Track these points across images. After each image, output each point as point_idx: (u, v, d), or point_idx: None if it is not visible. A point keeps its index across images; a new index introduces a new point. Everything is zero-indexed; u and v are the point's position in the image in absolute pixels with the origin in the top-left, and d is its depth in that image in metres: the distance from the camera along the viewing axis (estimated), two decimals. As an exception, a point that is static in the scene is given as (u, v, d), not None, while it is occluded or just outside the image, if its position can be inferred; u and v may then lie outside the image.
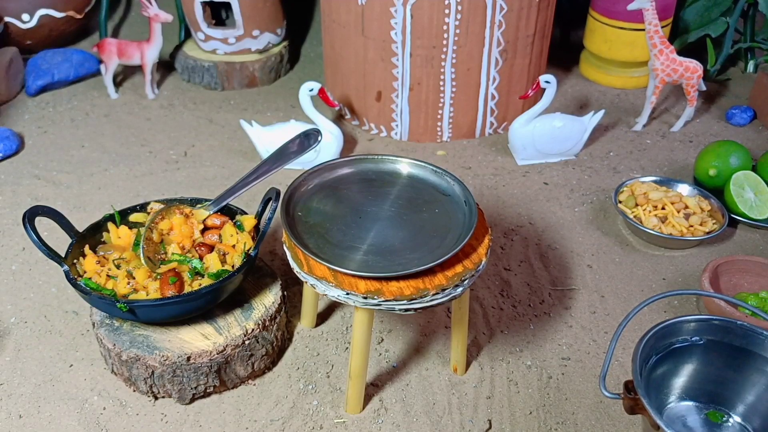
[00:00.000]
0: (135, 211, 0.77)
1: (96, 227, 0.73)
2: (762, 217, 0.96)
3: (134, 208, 0.77)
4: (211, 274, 0.70)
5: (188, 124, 1.23)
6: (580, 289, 0.88)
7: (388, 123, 1.18)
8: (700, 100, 1.31)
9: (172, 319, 0.70)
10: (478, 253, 0.64)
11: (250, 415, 0.70)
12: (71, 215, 0.99)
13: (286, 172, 1.08)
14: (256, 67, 1.34)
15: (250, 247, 0.72)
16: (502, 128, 1.21)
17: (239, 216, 0.76)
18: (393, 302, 0.59)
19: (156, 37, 1.23)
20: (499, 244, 0.95)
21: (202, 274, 0.70)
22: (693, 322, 0.66)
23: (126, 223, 0.76)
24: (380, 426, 0.70)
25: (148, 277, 0.69)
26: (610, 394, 0.62)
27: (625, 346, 0.78)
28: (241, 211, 0.77)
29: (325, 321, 0.82)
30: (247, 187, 0.75)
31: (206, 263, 0.71)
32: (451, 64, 1.10)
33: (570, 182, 1.08)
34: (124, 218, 0.76)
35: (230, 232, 0.74)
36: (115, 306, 0.66)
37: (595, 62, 1.38)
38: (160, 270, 0.70)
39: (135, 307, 0.66)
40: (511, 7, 1.06)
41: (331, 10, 1.15)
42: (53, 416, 0.70)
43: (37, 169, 1.10)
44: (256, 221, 0.76)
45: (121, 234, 0.74)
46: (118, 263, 0.71)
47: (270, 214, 0.72)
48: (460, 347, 0.73)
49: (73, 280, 0.67)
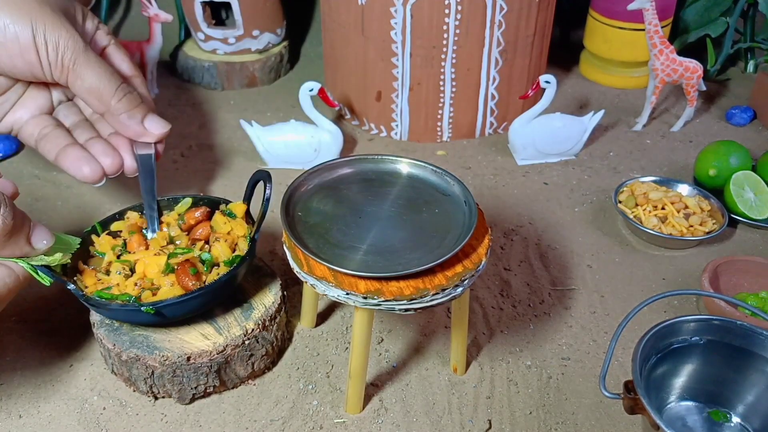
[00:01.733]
0: (115, 219, 0.76)
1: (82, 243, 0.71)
2: (762, 217, 0.96)
3: (113, 216, 0.76)
4: (227, 262, 0.70)
5: (188, 124, 1.23)
6: (580, 289, 0.88)
7: (388, 123, 1.18)
8: (700, 100, 1.31)
9: (194, 314, 0.69)
10: (478, 253, 0.64)
11: (250, 415, 0.70)
12: (71, 215, 0.99)
13: (287, 172, 1.09)
14: (256, 67, 1.34)
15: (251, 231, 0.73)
16: (502, 128, 1.21)
17: (224, 205, 0.76)
18: (393, 302, 0.59)
19: (156, 37, 1.23)
20: (499, 244, 0.95)
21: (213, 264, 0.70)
22: (693, 322, 0.66)
23: (109, 233, 0.75)
24: (380, 426, 0.70)
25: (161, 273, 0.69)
26: (610, 394, 0.62)
27: (625, 346, 0.78)
28: (224, 200, 0.77)
29: (325, 321, 0.82)
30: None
31: (215, 253, 0.71)
32: (451, 64, 1.10)
33: (570, 182, 1.08)
34: (107, 228, 0.75)
35: (222, 221, 0.74)
36: (140, 312, 0.64)
37: (595, 62, 1.39)
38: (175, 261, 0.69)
39: (161, 308, 0.65)
40: (511, 7, 1.06)
41: (331, 10, 1.15)
42: (53, 416, 0.70)
43: (37, 169, 1.10)
44: (247, 206, 0.76)
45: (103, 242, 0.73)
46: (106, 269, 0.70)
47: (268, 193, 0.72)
48: (460, 347, 0.73)
49: (83, 295, 0.65)
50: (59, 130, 0.73)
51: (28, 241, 0.60)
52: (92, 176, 0.71)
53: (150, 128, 0.74)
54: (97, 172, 0.71)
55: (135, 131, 0.73)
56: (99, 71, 0.69)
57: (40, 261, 0.63)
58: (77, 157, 0.71)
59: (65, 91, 0.76)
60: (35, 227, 0.61)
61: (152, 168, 0.75)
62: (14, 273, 0.61)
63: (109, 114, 0.71)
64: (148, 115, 0.74)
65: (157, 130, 0.74)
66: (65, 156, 0.71)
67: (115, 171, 0.73)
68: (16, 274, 0.61)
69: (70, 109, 0.76)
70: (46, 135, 0.72)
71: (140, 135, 0.74)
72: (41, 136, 0.72)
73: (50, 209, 1.00)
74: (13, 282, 0.61)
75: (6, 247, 0.58)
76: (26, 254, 0.61)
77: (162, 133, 0.75)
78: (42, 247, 0.61)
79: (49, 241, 0.62)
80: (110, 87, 0.69)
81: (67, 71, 0.67)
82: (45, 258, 0.63)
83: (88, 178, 0.71)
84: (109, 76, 0.70)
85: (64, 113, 0.76)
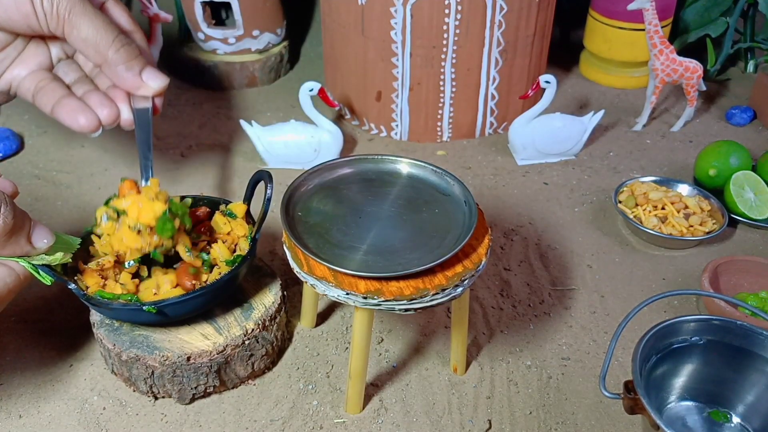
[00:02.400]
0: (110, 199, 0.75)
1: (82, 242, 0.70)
2: (762, 217, 0.96)
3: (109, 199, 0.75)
4: (229, 261, 0.70)
5: (188, 124, 1.23)
6: (580, 289, 0.88)
7: (388, 123, 1.18)
8: (700, 100, 1.31)
9: (196, 313, 0.69)
10: (478, 253, 0.64)
11: (250, 415, 0.70)
12: (71, 215, 0.99)
13: (287, 172, 1.09)
14: (256, 67, 1.34)
15: (252, 232, 0.72)
16: (502, 128, 1.21)
17: (224, 206, 0.76)
18: (393, 302, 0.59)
19: (156, 37, 1.23)
20: (499, 244, 0.95)
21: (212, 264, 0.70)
22: (693, 322, 0.66)
23: None
24: (380, 426, 0.70)
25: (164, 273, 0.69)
26: (610, 394, 0.62)
27: (625, 346, 0.78)
28: (224, 200, 0.77)
29: (325, 321, 0.82)
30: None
31: (213, 254, 0.71)
32: (451, 64, 1.10)
33: (570, 182, 1.08)
34: None
35: (222, 221, 0.74)
36: (142, 311, 0.64)
37: (595, 62, 1.39)
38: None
39: (163, 307, 0.65)
40: (511, 7, 1.06)
41: (331, 10, 1.15)
42: (53, 416, 0.70)
43: (37, 169, 1.10)
44: (247, 206, 0.75)
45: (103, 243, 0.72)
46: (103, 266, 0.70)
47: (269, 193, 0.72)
48: (460, 347, 0.73)
49: (85, 295, 0.65)
50: (56, 83, 0.73)
51: (29, 240, 0.60)
52: (89, 126, 0.70)
53: (147, 81, 0.73)
54: (93, 121, 0.71)
55: (132, 83, 0.72)
56: (95, 21, 0.68)
57: (41, 260, 0.62)
58: (73, 108, 0.70)
59: (64, 47, 0.75)
60: (36, 226, 0.61)
61: (149, 121, 0.74)
62: (15, 272, 0.61)
63: (106, 65, 0.70)
64: (146, 68, 0.73)
65: (155, 82, 0.73)
66: (61, 107, 0.70)
67: (111, 122, 0.72)
68: (17, 273, 0.61)
69: (69, 66, 0.76)
70: (43, 88, 0.72)
71: (137, 87, 0.73)
72: (38, 89, 0.72)
73: (50, 209, 1.00)
74: (14, 281, 0.60)
75: (6, 246, 0.58)
76: (27, 253, 0.61)
77: (160, 87, 0.73)
78: (43, 246, 0.61)
79: (50, 240, 0.62)
80: (107, 37, 0.69)
81: (63, 21, 0.67)
82: (46, 257, 0.63)
83: (84, 128, 0.70)
84: (106, 26, 0.69)
85: (64, 70, 0.75)
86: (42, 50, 0.74)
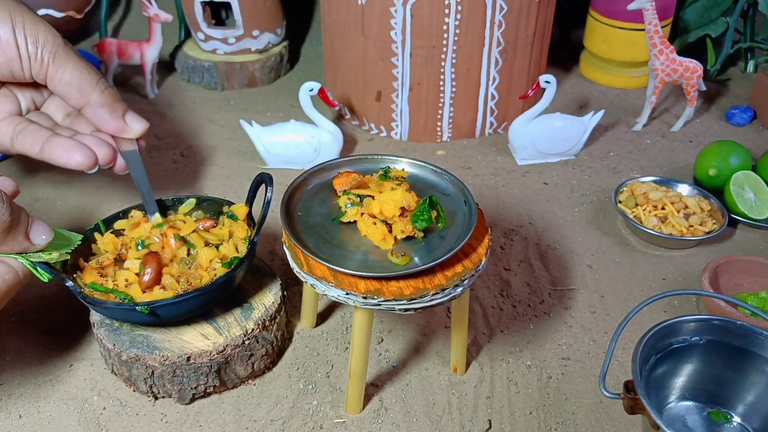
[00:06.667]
0: (118, 218, 0.75)
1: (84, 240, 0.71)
2: (762, 217, 0.96)
3: (117, 215, 0.76)
4: (225, 263, 0.70)
5: (188, 124, 1.23)
6: (580, 289, 0.88)
7: (388, 123, 1.18)
8: (700, 100, 1.31)
9: (191, 315, 0.69)
10: (478, 253, 0.64)
11: (250, 415, 0.70)
12: (71, 215, 0.99)
13: (286, 172, 1.09)
14: (256, 67, 1.34)
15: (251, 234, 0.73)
16: (502, 128, 1.21)
17: (227, 207, 0.76)
18: (393, 302, 0.59)
19: (156, 37, 1.23)
20: (499, 244, 0.95)
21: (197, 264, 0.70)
22: (693, 322, 0.66)
23: (113, 232, 0.74)
24: (380, 426, 0.70)
25: None
26: (610, 394, 0.62)
27: (625, 346, 0.78)
28: (227, 201, 0.77)
29: (325, 321, 0.82)
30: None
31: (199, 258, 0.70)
32: (451, 64, 1.10)
33: (570, 182, 1.08)
34: (110, 226, 0.75)
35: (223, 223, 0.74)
36: (135, 311, 0.64)
37: (595, 62, 1.39)
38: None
39: (156, 308, 0.65)
40: (511, 7, 1.06)
41: (331, 10, 1.15)
42: (53, 416, 0.70)
43: (37, 168, 1.10)
44: (248, 208, 0.76)
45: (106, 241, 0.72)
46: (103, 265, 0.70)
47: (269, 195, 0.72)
48: (460, 347, 0.73)
49: (81, 293, 0.65)
50: (37, 125, 0.73)
51: (27, 237, 0.60)
52: (87, 162, 0.71)
53: (131, 123, 0.74)
54: (90, 157, 0.71)
55: (116, 126, 0.73)
56: (79, 64, 0.69)
57: (39, 258, 0.62)
58: (68, 146, 0.71)
59: (34, 97, 0.76)
60: (34, 222, 0.61)
61: (140, 161, 0.75)
62: (14, 270, 0.61)
63: (89, 107, 0.71)
64: (128, 112, 0.74)
65: (138, 125, 0.74)
66: (53, 146, 0.71)
67: (108, 161, 0.73)
68: (16, 271, 0.61)
69: (39, 116, 0.76)
70: (24, 130, 0.72)
71: (122, 130, 0.73)
72: (18, 132, 0.72)
73: (50, 209, 1.00)
74: (13, 279, 0.61)
75: (4, 243, 0.59)
76: (25, 249, 0.61)
77: (143, 129, 0.75)
78: (41, 242, 0.61)
79: (48, 236, 0.62)
80: (91, 80, 0.70)
81: (47, 65, 0.68)
82: (43, 255, 0.63)
83: (82, 165, 0.71)
84: (89, 69, 0.70)
85: (36, 119, 0.75)
86: (11, 100, 0.74)
